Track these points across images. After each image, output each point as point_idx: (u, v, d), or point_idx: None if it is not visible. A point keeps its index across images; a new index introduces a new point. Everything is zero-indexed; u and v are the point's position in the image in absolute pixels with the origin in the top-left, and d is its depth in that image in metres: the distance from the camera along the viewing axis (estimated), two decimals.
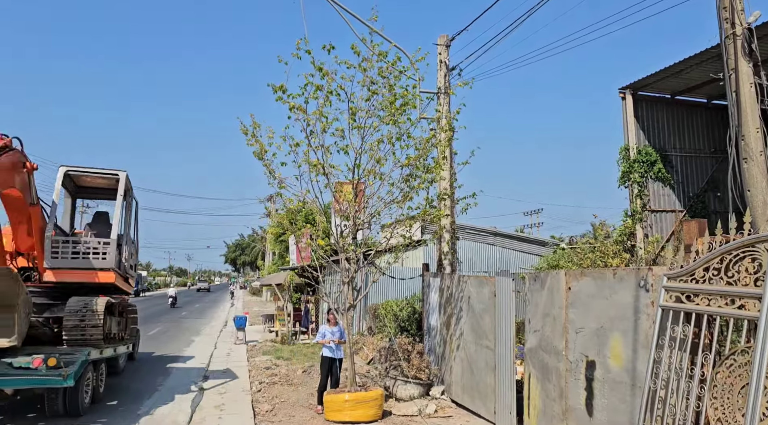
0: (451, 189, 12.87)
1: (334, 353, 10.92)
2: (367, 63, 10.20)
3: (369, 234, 11.69)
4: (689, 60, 13.36)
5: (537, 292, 8.36)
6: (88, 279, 11.39)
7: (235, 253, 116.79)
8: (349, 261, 10.98)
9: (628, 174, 15.24)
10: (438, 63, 13.65)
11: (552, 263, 14.57)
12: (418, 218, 11.13)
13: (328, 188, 10.86)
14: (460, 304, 11.27)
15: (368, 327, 19.58)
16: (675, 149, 15.86)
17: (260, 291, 63.31)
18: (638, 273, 6.11)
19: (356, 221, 10.84)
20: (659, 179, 15.44)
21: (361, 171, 10.50)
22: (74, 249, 11.27)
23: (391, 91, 10.25)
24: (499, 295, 9.59)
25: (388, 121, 10.35)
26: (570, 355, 7.19)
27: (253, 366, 15.91)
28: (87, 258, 11.34)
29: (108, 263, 11.49)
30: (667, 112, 15.95)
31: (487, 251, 25.60)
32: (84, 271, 11.31)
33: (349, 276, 10.78)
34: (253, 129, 10.53)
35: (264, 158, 10.71)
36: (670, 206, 15.53)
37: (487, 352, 9.92)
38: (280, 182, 10.68)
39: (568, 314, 7.25)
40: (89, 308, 10.56)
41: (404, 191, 10.95)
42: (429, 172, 10.74)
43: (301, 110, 10.01)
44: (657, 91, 15.76)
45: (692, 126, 16.17)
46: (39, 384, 8.95)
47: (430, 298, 13.16)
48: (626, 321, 6.26)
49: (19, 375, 8.70)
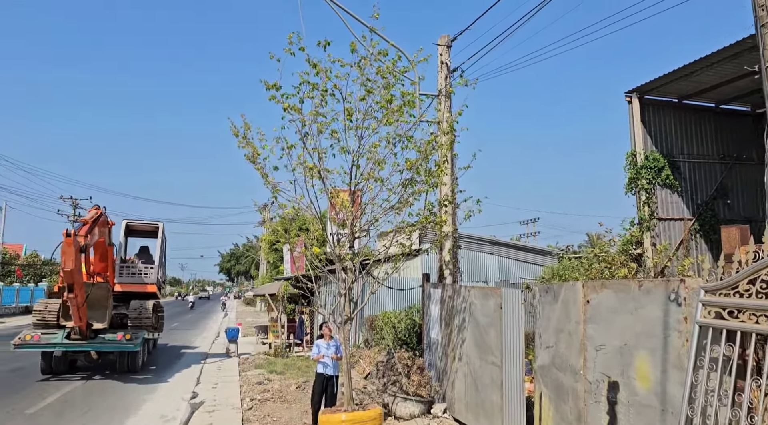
0: (452, 195, 12.27)
1: (329, 369, 10.26)
2: (364, 61, 9.63)
3: (366, 243, 11.06)
4: (702, 61, 12.86)
5: (549, 305, 7.75)
6: (140, 289, 18.01)
7: (230, 262, 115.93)
8: (347, 271, 10.36)
9: (636, 181, 14.70)
10: (438, 64, 13.11)
11: (557, 273, 13.97)
12: (418, 225, 10.52)
13: (324, 194, 10.27)
14: (463, 316, 10.65)
15: (365, 339, 18.90)
16: (683, 154, 15.35)
17: (254, 301, 62.46)
18: (668, 285, 5.51)
19: (353, 228, 10.22)
20: (667, 186, 14.91)
21: (359, 175, 9.90)
22: (131, 271, 18.24)
23: (387, 89, 9.66)
24: (506, 308, 8.97)
25: (386, 122, 9.77)
26: (589, 375, 6.57)
27: (244, 380, 15.20)
28: (139, 276, 18.24)
29: (151, 280, 18.32)
30: (675, 116, 15.45)
31: (487, 261, 24.99)
32: (138, 284, 18.09)
33: (346, 287, 10.15)
34: (245, 130, 9.93)
35: (256, 161, 10.12)
36: (678, 214, 14.99)
37: (493, 368, 9.28)
38: (274, 186, 10.07)
39: (587, 329, 6.63)
40: (144, 307, 16.53)
41: (403, 196, 10.35)
42: (430, 176, 10.14)
43: (296, 110, 9.41)
44: (664, 94, 15.27)
45: (700, 131, 15.67)
46: (120, 349, 15.28)
47: (431, 310, 12.53)
48: (654, 338, 5.65)
49: (110, 343, 15.03)
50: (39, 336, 14.46)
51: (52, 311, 14.89)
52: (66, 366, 16.01)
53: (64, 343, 14.56)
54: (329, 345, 10.35)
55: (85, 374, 16.04)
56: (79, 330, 14.30)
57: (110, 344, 14.98)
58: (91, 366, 16.82)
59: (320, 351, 10.25)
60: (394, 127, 9.87)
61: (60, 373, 15.62)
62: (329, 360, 10.21)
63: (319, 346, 10.36)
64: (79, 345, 14.70)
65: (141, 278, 18.11)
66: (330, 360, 10.21)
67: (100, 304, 14.87)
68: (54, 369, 15.53)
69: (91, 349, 15.25)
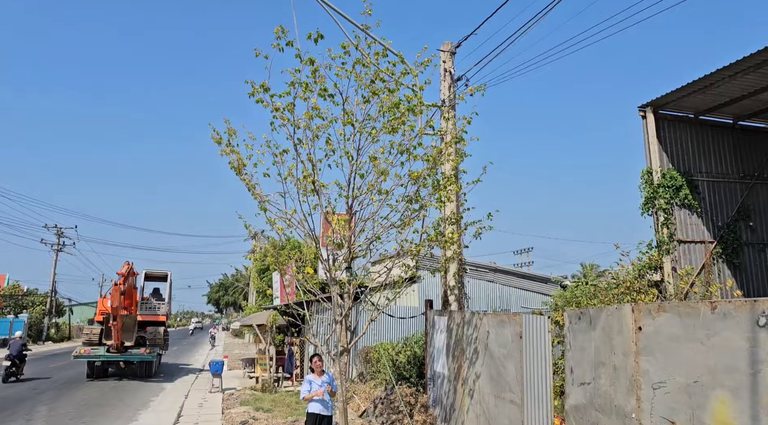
0: (458, 213, 11.11)
1: (322, 408, 8.95)
2: (366, 59, 8.60)
3: (365, 263, 9.88)
4: (722, 71, 11.95)
5: (583, 333, 6.58)
6: (154, 319, 24.20)
7: (218, 293, 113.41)
8: (343, 296, 9.15)
9: (653, 200, 13.66)
10: (442, 72, 12.13)
11: (571, 300, 12.81)
12: (423, 244, 9.35)
13: (318, 209, 9.12)
14: (475, 347, 9.43)
15: (359, 372, 17.51)
16: (701, 173, 14.36)
17: (242, 333, 60.61)
18: (755, 307, 4.38)
19: (352, 246, 9.05)
20: (686, 206, 13.88)
21: (359, 186, 8.77)
22: (148, 306, 24.49)
23: (393, 93, 8.61)
24: (528, 337, 7.78)
25: (390, 129, 8.69)
26: (644, 419, 5.36)
27: (228, 419, 13.76)
28: (153, 310, 24.58)
29: (163, 312, 24.94)
30: (691, 133, 14.50)
31: (487, 289, 23.79)
32: (153, 315, 24.30)
33: (343, 313, 8.93)
34: (228, 136, 8.82)
35: (242, 171, 8.99)
36: (698, 237, 13.92)
37: (512, 408, 8.04)
38: (262, 199, 8.92)
39: (640, 363, 5.45)
40: (157, 331, 22.99)
41: (405, 213, 9.21)
42: (438, 190, 9.03)
43: (288, 111, 8.32)
44: (679, 109, 14.35)
45: (718, 149, 14.73)
46: (141, 359, 21.74)
47: (435, 340, 11.30)
48: (737, 375, 4.49)
49: (135, 355, 21.44)
50: (89, 351, 21.11)
51: (96, 334, 21.81)
52: (103, 373, 22.89)
53: (105, 355, 21.14)
54: (322, 381, 9.08)
55: (117, 378, 22.62)
56: (116, 346, 20.57)
57: (136, 356, 21.59)
58: (118, 373, 23.69)
59: (312, 389, 8.96)
60: (400, 135, 8.80)
61: (99, 377, 22.34)
62: (325, 397, 8.92)
63: (310, 382, 9.07)
64: (115, 356, 21.25)
65: (155, 311, 24.70)
66: (324, 396, 8.92)
67: (129, 329, 21.48)
68: (95, 374, 22.32)
69: (123, 359, 21.90)
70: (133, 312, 22.13)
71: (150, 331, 22.75)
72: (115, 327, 19.73)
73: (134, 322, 21.73)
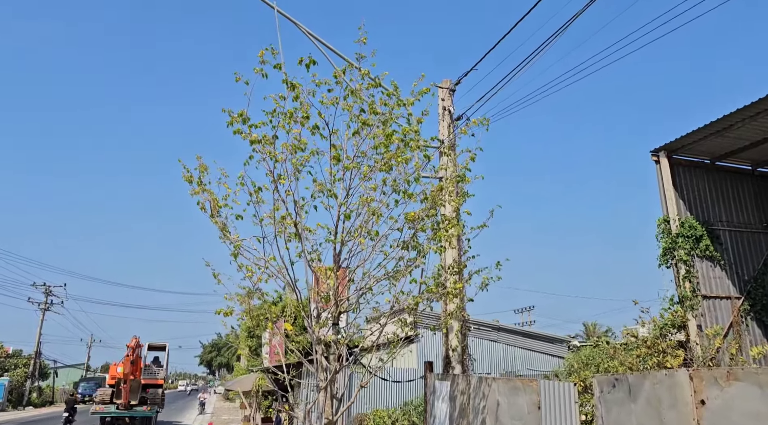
0: (460, 263, 9.92)
1: None
2: (357, 87, 7.67)
3: (354, 319, 8.64)
4: (743, 111, 11.12)
5: (620, 405, 5.32)
6: (154, 382, 28.10)
7: (211, 354, 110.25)
8: (329, 358, 7.88)
9: (671, 251, 12.53)
10: (440, 111, 11.26)
11: (588, 362, 11.48)
12: (422, 297, 8.15)
13: (302, 257, 7.97)
14: (483, 418, 8.08)
15: None
16: (721, 222, 13.31)
17: (232, 397, 57.97)
18: None
19: (338, 300, 7.85)
20: (707, 258, 12.75)
21: (348, 230, 7.66)
22: (149, 372, 28.35)
23: (386, 124, 7.63)
24: (549, 408, 6.48)
25: (383, 164, 7.67)
26: None
27: None
28: (153, 375, 28.51)
29: (161, 376, 29.00)
30: (708, 179, 13.56)
31: (490, 349, 22.30)
32: (153, 379, 28.22)
33: (328, 379, 7.63)
34: (200, 174, 7.76)
35: (218, 214, 7.89)
36: (723, 292, 12.72)
37: None
38: (237, 245, 7.77)
39: None
40: (156, 392, 26.97)
41: (401, 262, 8.06)
42: (437, 233, 7.91)
43: (267, 143, 7.30)
44: (694, 154, 13.45)
45: (738, 196, 13.73)
46: (143, 415, 26.11)
47: (436, 409, 9.91)
48: None
49: (139, 412, 25.94)
50: (103, 408, 25.26)
51: (108, 395, 25.79)
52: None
53: (115, 412, 25.33)
54: None
55: None
56: (124, 405, 24.58)
57: (139, 412, 25.60)
58: None
59: None
60: (395, 170, 7.76)
61: None
62: None
63: None
64: (123, 413, 25.28)
65: (155, 375, 28.71)
66: None
67: (135, 390, 25.42)
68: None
69: (129, 415, 25.68)
70: (138, 377, 26.54)
71: (150, 392, 26.84)
72: (124, 389, 24.33)
73: (138, 385, 26.09)
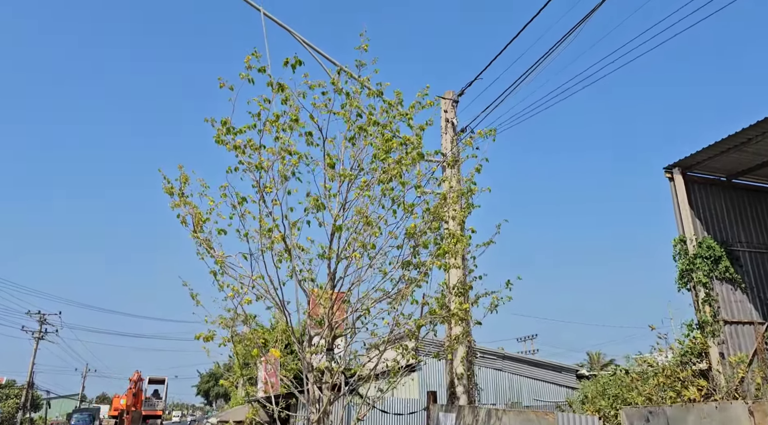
0: (465, 284, 9.19)
1: None
2: (354, 89, 7.08)
3: (349, 345, 7.87)
4: (762, 124, 10.51)
5: None
6: (153, 413, 47.87)
7: (209, 383, 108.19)
8: (321, 388, 7.12)
9: (689, 273, 11.79)
10: (443, 124, 10.67)
11: (604, 393, 10.64)
12: (424, 320, 7.42)
13: (293, 277, 7.28)
14: None
15: None
16: (740, 242, 12.60)
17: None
18: None
19: (333, 323, 7.12)
20: (727, 280, 12.00)
21: (343, 245, 6.97)
22: (149, 403, 48.28)
23: (385, 128, 7.02)
24: None
25: (380, 177, 7.03)
26: None
27: None
28: (153, 406, 48.41)
29: (161, 408, 49.81)
30: (725, 197, 12.89)
31: (496, 378, 21.35)
32: (153, 410, 48.06)
33: (321, 410, 6.86)
34: (181, 185, 7.12)
35: (202, 229, 7.22)
36: (745, 317, 11.94)
37: None
38: (219, 262, 7.08)
39: None
40: (156, 424, 48.09)
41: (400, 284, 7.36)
42: (441, 248, 7.21)
43: (252, 148, 6.66)
44: (710, 171, 12.82)
45: (757, 216, 13.06)
46: None
47: None
48: None
49: None
50: None
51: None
52: None
53: None
54: None
55: None
56: None
57: None
58: None
59: None
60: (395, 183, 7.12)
61: None
62: None
63: None
64: None
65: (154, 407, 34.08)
66: None
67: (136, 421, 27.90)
68: None
69: None
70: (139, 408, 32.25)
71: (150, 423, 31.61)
72: (127, 419, 26.80)
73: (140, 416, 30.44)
